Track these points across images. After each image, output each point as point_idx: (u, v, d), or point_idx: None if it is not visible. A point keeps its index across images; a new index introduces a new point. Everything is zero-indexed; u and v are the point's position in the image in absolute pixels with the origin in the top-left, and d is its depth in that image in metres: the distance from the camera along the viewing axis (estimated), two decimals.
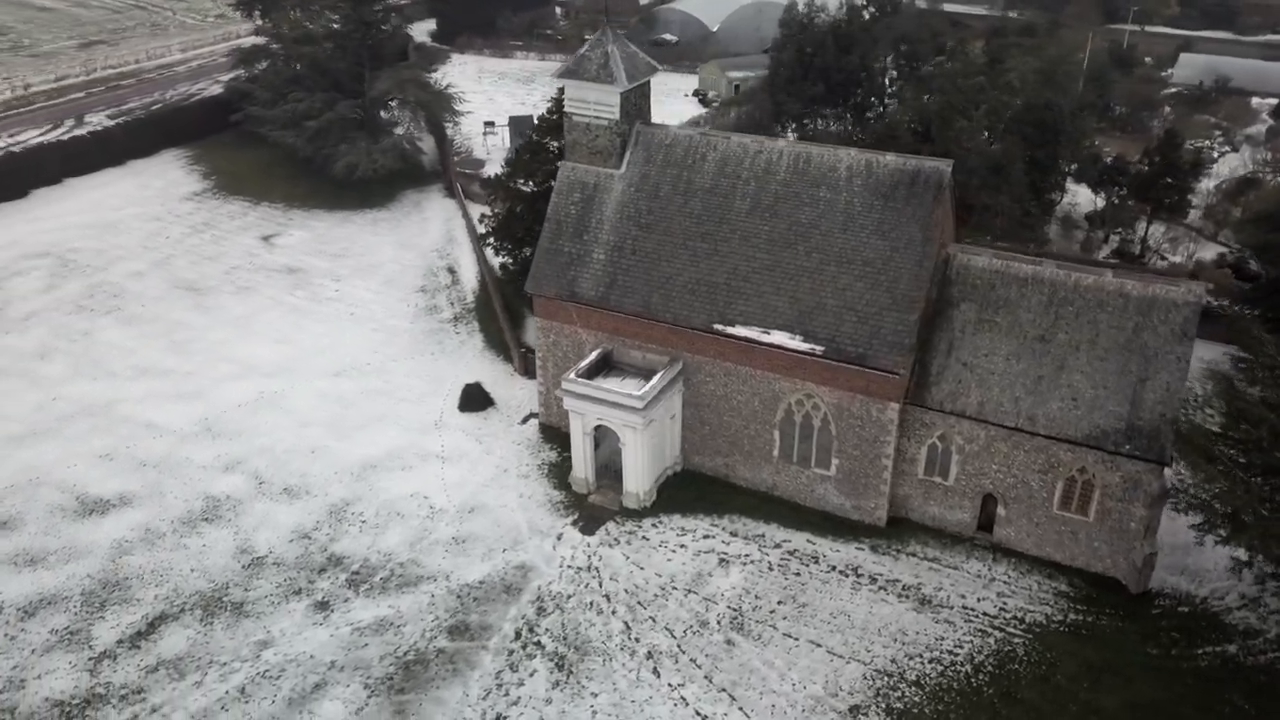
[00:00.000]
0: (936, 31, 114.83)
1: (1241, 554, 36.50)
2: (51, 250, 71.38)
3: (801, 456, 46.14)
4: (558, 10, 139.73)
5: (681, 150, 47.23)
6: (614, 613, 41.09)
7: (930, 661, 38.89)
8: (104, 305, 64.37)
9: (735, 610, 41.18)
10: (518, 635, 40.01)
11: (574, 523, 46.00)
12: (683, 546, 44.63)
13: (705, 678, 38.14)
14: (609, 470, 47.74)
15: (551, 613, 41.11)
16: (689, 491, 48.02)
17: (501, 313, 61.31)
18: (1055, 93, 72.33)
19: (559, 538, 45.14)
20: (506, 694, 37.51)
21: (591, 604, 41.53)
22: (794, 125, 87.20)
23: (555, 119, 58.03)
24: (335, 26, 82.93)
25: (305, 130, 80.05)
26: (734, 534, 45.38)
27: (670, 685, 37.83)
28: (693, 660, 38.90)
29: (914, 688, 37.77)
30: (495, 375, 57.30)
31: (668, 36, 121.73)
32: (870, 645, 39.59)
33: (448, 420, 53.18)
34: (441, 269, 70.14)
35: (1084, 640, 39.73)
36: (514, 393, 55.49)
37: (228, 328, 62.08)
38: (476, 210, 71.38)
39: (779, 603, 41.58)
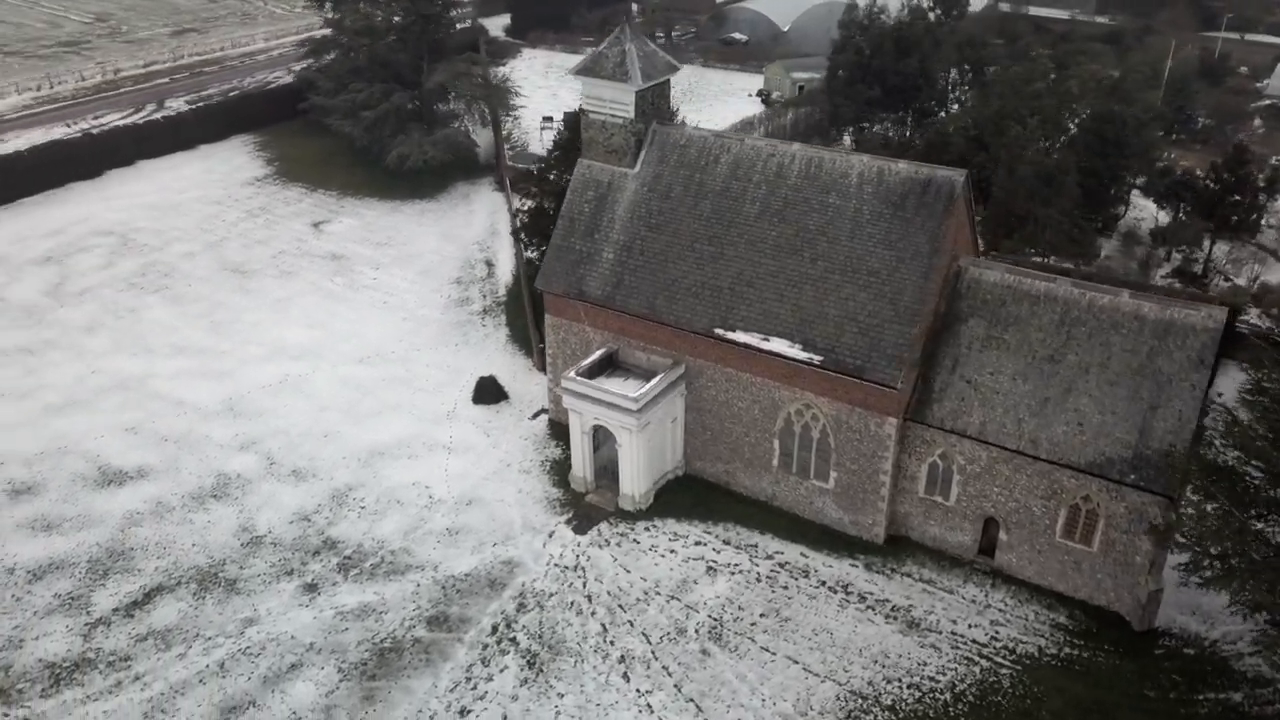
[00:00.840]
0: (1015, 35, 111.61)
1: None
2: (116, 229, 74.43)
3: (801, 467, 45.21)
4: (634, 7, 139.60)
5: (695, 151, 46.67)
6: (593, 614, 40.89)
7: (909, 687, 37.65)
8: (154, 284, 66.81)
9: (715, 620, 40.55)
10: (494, 630, 40.13)
11: (567, 521, 45.94)
12: (673, 552, 44.15)
13: (675, 686, 37.65)
14: (609, 471, 47.48)
15: (531, 610, 41.11)
16: (688, 496, 47.49)
17: (528, 307, 61.56)
18: (1123, 102, 69.32)
19: (550, 535, 45.13)
20: (474, 688, 37.66)
21: (572, 604, 41.40)
22: (850, 128, 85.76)
23: None
24: (397, 19, 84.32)
25: (362, 120, 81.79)
26: (726, 542, 44.70)
27: (638, 691, 37.46)
28: (665, 668, 38.44)
29: (888, 712, 36.62)
30: (514, 369, 57.61)
31: (737, 35, 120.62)
32: (849, 665, 38.53)
33: (460, 411, 53.67)
34: (479, 261, 70.81)
35: (1076, 676, 37.97)
36: (529, 388, 55.66)
37: (265, 310, 63.81)
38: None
39: (761, 615, 40.80)
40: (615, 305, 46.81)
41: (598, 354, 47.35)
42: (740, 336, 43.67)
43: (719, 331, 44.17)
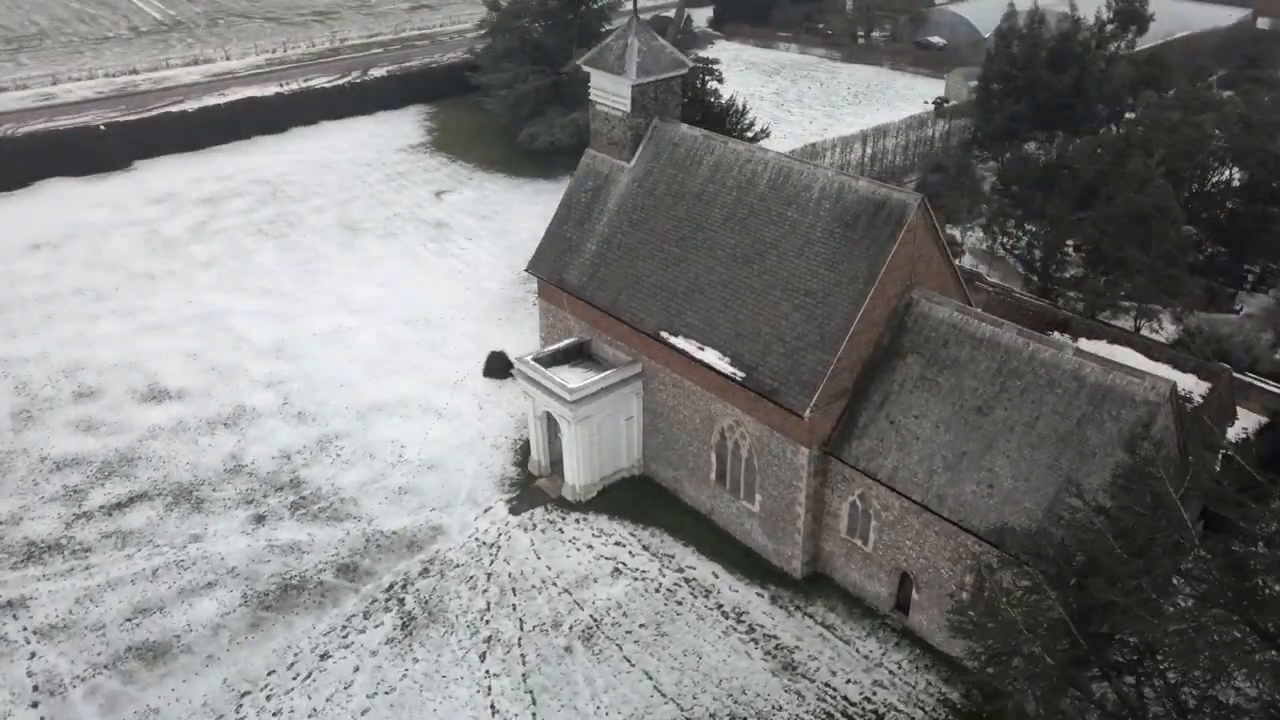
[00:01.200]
0: (1253, 57, 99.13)
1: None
2: (273, 180, 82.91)
3: (733, 485, 43.62)
4: (848, 4, 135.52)
5: (684, 151, 45.84)
6: (484, 592, 41.79)
7: None
8: (277, 231, 74.00)
9: (595, 620, 40.25)
10: (390, 588, 42.04)
11: (508, 500, 46.96)
12: (590, 547, 44.08)
13: (522, 675, 37.93)
14: None
15: (432, 576, 42.63)
16: (634, 496, 47.04)
17: None
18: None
19: (485, 511, 46.36)
20: (345, 636, 39.76)
21: (470, 578, 42.50)
22: (1008, 143, 79.59)
23: None
24: (551, 4, 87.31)
25: (504, 99, 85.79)
26: (645, 548, 44.01)
27: (487, 672, 38.09)
28: (522, 655, 38.77)
29: None
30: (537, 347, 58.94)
31: (935, 39, 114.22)
32: (700, 693, 37.11)
33: (468, 382, 55.84)
34: None
35: None
36: None
37: (354, 266, 69.02)
38: None
39: (641, 625, 40.03)
40: (587, 296, 47.06)
41: (566, 342, 47.88)
42: (680, 342, 42.68)
43: (664, 335, 43.39)
